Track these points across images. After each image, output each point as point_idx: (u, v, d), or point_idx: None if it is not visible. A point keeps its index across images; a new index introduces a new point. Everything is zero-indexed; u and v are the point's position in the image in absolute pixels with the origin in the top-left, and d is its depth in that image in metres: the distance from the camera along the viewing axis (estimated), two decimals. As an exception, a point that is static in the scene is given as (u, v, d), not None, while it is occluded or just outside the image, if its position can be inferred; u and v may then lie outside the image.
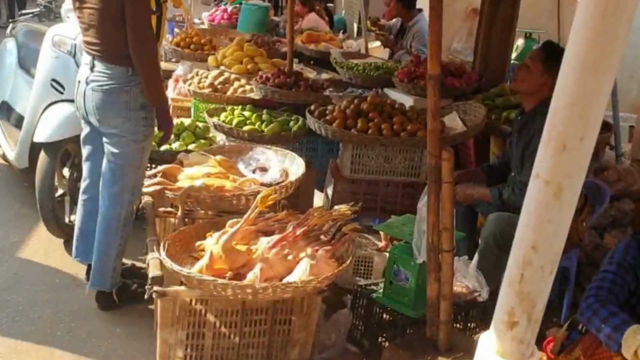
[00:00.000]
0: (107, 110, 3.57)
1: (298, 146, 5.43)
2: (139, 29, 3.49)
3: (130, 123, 3.58)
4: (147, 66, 3.54)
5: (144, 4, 3.54)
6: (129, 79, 3.55)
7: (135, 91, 3.56)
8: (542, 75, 3.95)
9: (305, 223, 3.27)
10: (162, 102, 3.71)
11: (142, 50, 3.51)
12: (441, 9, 2.85)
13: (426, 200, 3.12)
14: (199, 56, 7.25)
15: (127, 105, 3.55)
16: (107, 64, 3.55)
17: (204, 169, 4.12)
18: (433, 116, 2.99)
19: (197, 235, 3.50)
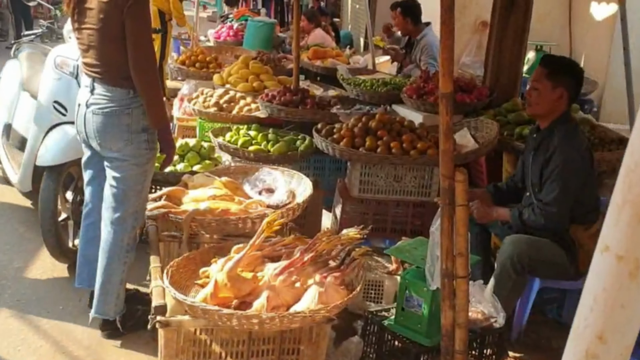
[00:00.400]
0: (108, 133, 3.47)
1: (305, 165, 5.33)
2: (140, 49, 3.40)
3: (132, 146, 3.48)
4: (148, 87, 3.44)
5: (145, 23, 3.45)
6: (130, 101, 3.46)
7: (136, 113, 3.47)
8: (554, 90, 3.85)
9: (314, 248, 3.16)
10: (164, 124, 3.62)
11: (143, 70, 3.42)
12: (453, 24, 2.74)
13: (439, 223, 2.99)
14: (205, 74, 7.19)
15: (128, 128, 3.46)
16: (108, 86, 3.46)
17: (209, 191, 4.03)
18: (446, 136, 2.86)
19: (201, 261, 3.40)
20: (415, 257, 3.39)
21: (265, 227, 3.13)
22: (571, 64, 4.24)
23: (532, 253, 3.76)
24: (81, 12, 3.48)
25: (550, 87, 3.84)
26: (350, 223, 4.79)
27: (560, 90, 3.81)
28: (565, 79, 3.87)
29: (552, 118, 3.90)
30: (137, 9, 3.36)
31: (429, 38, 6.94)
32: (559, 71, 3.89)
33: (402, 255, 3.48)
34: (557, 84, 3.82)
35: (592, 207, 3.89)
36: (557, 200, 3.73)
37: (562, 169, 3.73)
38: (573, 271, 3.85)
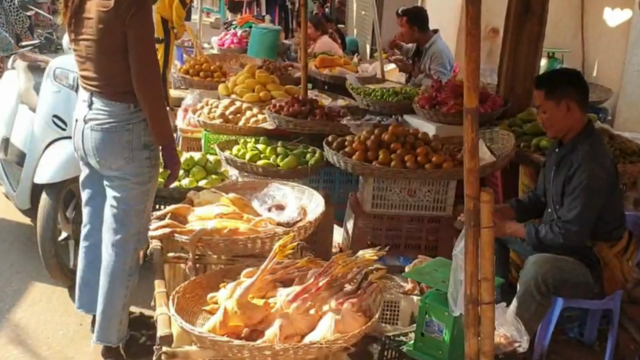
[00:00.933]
0: (108, 151, 3.29)
1: (314, 177, 5.16)
2: (143, 61, 3.22)
3: (133, 164, 3.30)
4: (152, 101, 3.26)
5: (148, 33, 3.27)
6: (131, 116, 3.27)
7: (138, 129, 3.28)
8: (559, 107, 3.70)
9: (329, 272, 2.97)
10: (169, 140, 3.43)
11: (147, 83, 3.24)
12: (479, 35, 2.57)
13: (463, 246, 2.81)
14: (209, 84, 7.03)
15: (129, 145, 3.27)
16: (107, 101, 3.28)
17: (216, 209, 3.84)
18: (471, 154, 2.69)
19: (208, 285, 3.21)
20: (436, 280, 3.20)
21: (277, 251, 2.94)
22: (562, 73, 4.19)
23: (557, 273, 3.58)
24: (79, 22, 3.30)
25: (554, 105, 3.71)
26: (363, 239, 4.64)
27: (565, 103, 3.67)
28: (564, 89, 3.72)
29: (574, 133, 3.74)
30: (139, 18, 3.18)
31: (439, 45, 6.77)
32: (554, 86, 3.74)
33: (422, 279, 3.30)
34: (559, 99, 3.68)
35: (617, 223, 3.71)
36: (579, 219, 3.56)
37: (586, 186, 3.55)
38: (598, 290, 3.68)
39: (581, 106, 3.73)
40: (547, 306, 3.69)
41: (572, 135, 3.74)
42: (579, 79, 3.87)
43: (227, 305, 2.82)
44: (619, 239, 3.69)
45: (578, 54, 7.85)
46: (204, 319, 3.01)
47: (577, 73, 4.00)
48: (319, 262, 3.21)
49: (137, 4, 3.15)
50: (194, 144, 5.96)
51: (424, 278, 3.26)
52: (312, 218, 3.73)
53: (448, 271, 3.28)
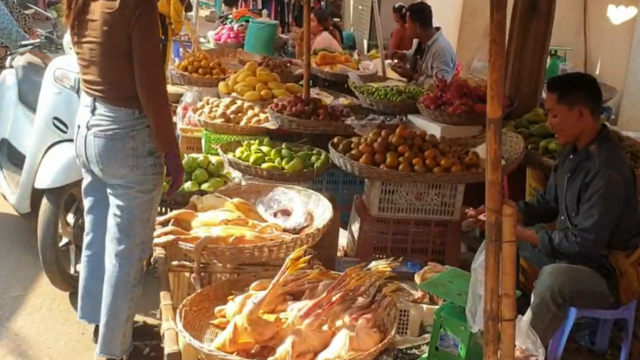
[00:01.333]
0: (112, 158, 3.18)
1: (318, 179, 5.05)
2: (148, 65, 3.11)
3: (137, 172, 3.19)
4: (157, 107, 3.16)
5: (153, 36, 3.16)
6: (135, 122, 3.17)
7: (142, 136, 3.17)
8: (571, 112, 3.60)
9: (342, 286, 2.88)
10: (174, 147, 3.32)
11: (152, 89, 3.13)
12: (504, 42, 2.46)
13: (482, 260, 2.72)
14: (208, 81, 6.90)
15: (133, 153, 3.17)
16: (111, 106, 3.17)
17: (221, 215, 3.73)
18: (494, 166, 2.57)
19: (216, 297, 3.12)
20: (451, 292, 3.10)
21: (289, 265, 2.84)
22: (577, 77, 4.05)
23: (573, 284, 3.50)
24: (82, 24, 3.18)
25: (566, 110, 3.61)
26: (369, 243, 4.55)
27: (578, 109, 3.57)
28: (577, 94, 3.62)
29: (588, 139, 3.64)
30: (145, 21, 3.07)
31: (441, 43, 6.68)
32: (567, 90, 3.64)
33: (436, 291, 3.19)
34: (572, 104, 3.58)
35: (634, 232, 3.62)
36: (596, 227, 3.47)
37: (603, 193, 3.46)
38: (613, 300, 3.60)
39: (594, 112, 3.64)
40: (562, 317, 3.61)
41: (587, 142, 3.65)
42: (593, 84, 3.76)
43: (237, 321, 2.73)
44: (635, 247, 3.61)
45: (581, 52, 7.77)
46: (212, 334, 2.93)
47: (591, 79, 3.90)
48: (330, 274, 3.12)
49: (142, 6, 3.04)
50: (193, 143, 5.84)
51: (439, 290, 3.16)
52: (320, 225, 3.64)
53: (463, 282, 3.20)
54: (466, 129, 5.22)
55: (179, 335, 2.77)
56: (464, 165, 4.40)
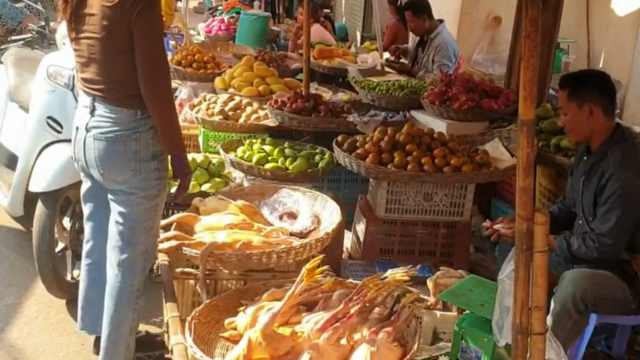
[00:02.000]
0: (113, 162, 2.99)
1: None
2: (152, 61, 2.92)
3: (140, 177, 3.00)
4: (163, 107, 2.97)
5: (157, 30, 2.96)
6: (138, 123, 2.98)
7: (145, 138, 2.99)
8: (581, 109, 3.47)
9: (359, 297, 2.72)
10: (180, 148, 3.14)
11: (156, 87, 2.94)
12: (538, 39, 2.30)
13: (511, 271, 2.57)
14: (203, 76, 6.72)
15: (136, 156, 2.98)
16: (111, 106, 2.97)
17: (225, 218, 3.57)
18: (525, 172, 2.42)
19: (225, 308, 2.96)
20: (473, 303, 2.95)
21: (305, 276, 2.68)
22: (589, 74, 3.96)
23: (596, 290, 3.36)
24: (80, 18, 2.98)
25: (576, 107, 3.49)
26: (375, 245, 4.40)
27: (588, 106, 3.44)
28: (588, 91, 3.49)
29: (602, 138, 3.50)
30: (148, 15, 2.88)
31: (444, 36, 6.52)
32: (578, 87, 3.52)
33: (457, 302, 3.04)
34: (582, 101, 3.46)
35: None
36: (614, 231, 3.33)
37: (620, 196, 3.33)
38: (635, 306, 3.46)
39: (606, 111, 3.49)
40: (584, 324, 3.47)
41: (600, 141, 3.50)
42: (605, 82, 3.62)
43: (251, 336, 2.57)
44: None
45: (584, 43, 7.62)
46: (223, 348, 2.78)
47: (604, 76, 3.76)
48: (345, 283, 2.96)
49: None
50: (190, 141, 5.66)
51: (460, 300, 3.01)
52: (329, 229, 3.49)
53: (484, 291, 3.06)
54: (473, 126, 5.07)
55: (188, 350, 2.60)
56: (475, 164, 4.25)
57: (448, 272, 3.79)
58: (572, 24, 7.61)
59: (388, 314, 2.79)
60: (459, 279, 3.78)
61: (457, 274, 3.80)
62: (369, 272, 4.13)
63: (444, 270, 3.81)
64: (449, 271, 3.80)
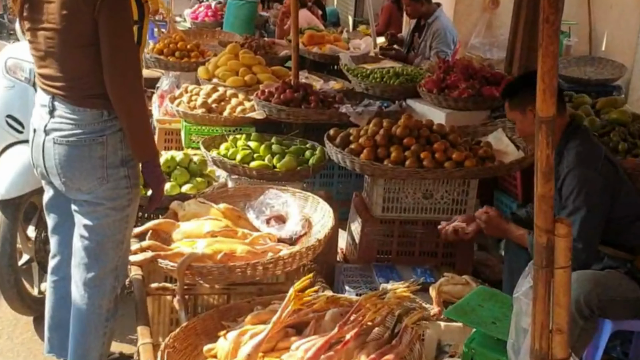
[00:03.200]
0: (77, 169, 2.63)
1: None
2: (119, 56, 2.58)
3: (108, 185, 2.65)
4: (132, 107, 2.63)
5: (125, 19, 2.61)
6: (105, 125, 2.63)
7: (113, 141, 2.64)
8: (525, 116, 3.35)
9: (356, 320, 2.39)
10: (152, 154, 2.80)
11: (124, 85, 2.60)
12: (559, 22, 1.97)
13: (528, 288, 2.26)
14: (186, 65, 6.35)
15: (103, 162, 2.63)
16: (74, 106, 2.62)
17: (206, 225, 3.23)
18: (545, 176, 2.10)
19: (204, 331, 2.64)
20: (484, 321, 2.63)
21: (292, 298, 2.34)
22: (522, 77, 3.86)
23: (602, 292, 3.07)
24: (35, 7, 2.62)
25: (519, 114, 3.37)
26: (371, 247, 4.06)
27: (530, 110, 3.25)
28: (523, 95, 3.32)
29: (557, 138, 3.23)
30: (114, 3, 2.54)
31: (442, 21, 6.19)
32: (513, 94, 3.40)
33: (467, 320, 2.70)
34: (522, 107, 3.33)
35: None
36: (581, 234, 3.06)
37: (578, 194, 3.10)
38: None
39: None
40: (593, 331, 3.19)
41: (556, 141, 3.23)
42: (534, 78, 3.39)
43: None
44: None
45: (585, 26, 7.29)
46: (202, 378, 2.44)
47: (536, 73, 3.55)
48: (339, 300, 2.62)
49: None
50: (172, 136, 5.32)
51: (469, 318, 2.68)
52: (320, 234, 3.16)
53: (496, 306, 2.74)
54: (473, 115, 4.75)
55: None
56: (478, 158, 3.92)
57: (452, 278, 3.48)
58: (573, 4, 7.28)
59: (389, 336, 2.47)
60: (464, 286, 3.47)
61: (462, 281, 3.49)
62: (366, 277, 3.82)
63: (448, 276, 3.50)
64: (453, 277, 3.48)
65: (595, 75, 6.25)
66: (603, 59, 6.59)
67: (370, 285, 3.72)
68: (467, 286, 3.47)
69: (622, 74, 6.34)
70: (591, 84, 6.04)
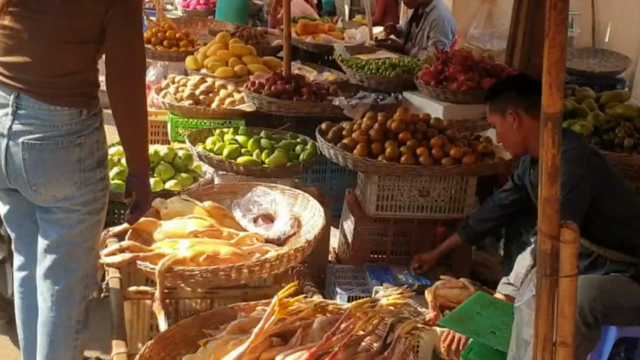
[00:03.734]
0: (51, 175, 2.37)
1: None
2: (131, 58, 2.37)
3: (86, 190, 2.42)
4: (137, 114, 2.44)
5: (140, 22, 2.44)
6: (83, 125, 2.38)
7: (90, 142, 2.40)
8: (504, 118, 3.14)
9: (345, 330, 2.21)
10: (147, 165, 2.62)
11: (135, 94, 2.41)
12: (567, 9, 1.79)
13: (530, 298, 2.09)
14: (175, 54, 6.18)
15: (80, 165, 2.39)
16: (48, 105, 2.33)
17: (189, 224, 3.06)
18: (551, 178, 1.93)
19: (183, 339, 2.46)
20: (483, 330, 2.46)
21: (276, 307, 2.17)
22: (504, 79, 3.80)
23: (607, 299, 2.88)
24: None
25: (499, 118, 3.18)
26: (365, 247, 3.90)
27: (510, 112, 3.10)
28: (505, 97, 3.16)
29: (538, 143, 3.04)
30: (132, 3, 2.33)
31: (441, 10, 6.00)
32: (493, 96, 3.23)
33: (464, 329, 2.54)
34: (502, 109, 3.15)
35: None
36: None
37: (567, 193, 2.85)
38: None
39: (532, 112, 3.07)
40: (596, 339, 3.01)
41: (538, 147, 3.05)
42: (522, 80, 3.31)
43: (211, 383, 2.07)
44: None
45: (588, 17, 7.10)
46: (179, 392, 2.27)
47: (522, 76, 3.54)
48: (328, 307, 2.44)
49: None
50: (158, 129, 5.13)
51: (467, 327, 2.51)
52: (310, 235, 2.99)
53: (495, 314, 2.57)
54: (472, 109, 4.56)
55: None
56: (477, 154, 3.75)
57: (449, 281, 3.33)
58: (576, -5, 7.10)
59: (380, 347, 2.30)
60: (461, 289, 3.30)
61: (459, 284, 3.33)
62: (359, 278, 3.68)
63: (445, 279, 3.34)
64: (450, 281, 3.33)
65: (599, 67, 6.08)
66: (607, 50, 6.42)
67: (363, 287, 3.58)
68: (465, 290, 3.31)
69: (627, 66, 6.16)
70: (594, 77, 5.87)
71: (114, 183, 3.53)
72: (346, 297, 3.49)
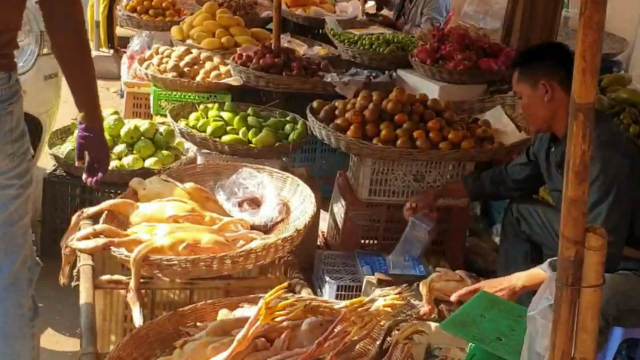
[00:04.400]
0: None
1: (291, 147, 4.19)
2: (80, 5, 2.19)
3: (18, 161, 2.17)
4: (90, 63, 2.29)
5: None
6: (11, 91, 2.13)
7: (18, 110, 2.16)
8: (535, 89, 2.90)
9: (338, 335, 2.01)
10: (102, 117, 2.46)
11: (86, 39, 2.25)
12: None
13: (546, 307, 1.89)
14: (160, 24, 5.94)
15: (11, 136, 2.14)
16: None
17: (169, 207, 2.83)
18: (578, 176, 1.70)
19: (158, 338, 2.24)
20: (487, 336, 2.26)
21: (263, 312, 1.95)
22: (540, 46, 3.42)
23: (621, 301, 2.70)
24: None
25: (529, 88, 2.94)
26: (355, 232, 3.70)
27: (543, 83, 2.86)
28: (540, 66, 2.92)
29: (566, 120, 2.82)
30: None
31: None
32: (528, 63, 2.97)
33: (467, 334, 2.32)
34: (535, 79, 2.90)
35: None
36: (609, 225, 2.55)
37: (604, 180, 2.66)
38: None
39: (566, 85, 2.82)
40: (604, 343, 2.87)
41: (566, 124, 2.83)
42: (560, 50, 3.02)
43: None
44: None
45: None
46: (153, 399, 2.06)
47: (558, 45, 3.22)
48: (319, 307, 2.23)
49: None
50: (141, 101, 4.89)
51: (470, 332, 2.30)
52: (300, 222, 2.77)
53: (500, 317, 2.37)
54: (469, 89, 4.39)
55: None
56: (476, 138, 3.55)
57: (445, 274, 3.12)
58: (571, -26, 6.90)
59: (376, 353, 2.10)
60: (458, 282, 3.11)
61: (456, 277, 3.13)
62: (349, 265, 3.48)
63: (441, 271, 3.13)
64: (446, 273, 3.12)
65: (595, 49, 5.87)
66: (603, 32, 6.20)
67: (353, 275, 3.39)
68: (462, 283, 3.11)
69: (623, 48, 5.99)
70: (591, 58, 5.66)
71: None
72: (335, 287, 3.30)
